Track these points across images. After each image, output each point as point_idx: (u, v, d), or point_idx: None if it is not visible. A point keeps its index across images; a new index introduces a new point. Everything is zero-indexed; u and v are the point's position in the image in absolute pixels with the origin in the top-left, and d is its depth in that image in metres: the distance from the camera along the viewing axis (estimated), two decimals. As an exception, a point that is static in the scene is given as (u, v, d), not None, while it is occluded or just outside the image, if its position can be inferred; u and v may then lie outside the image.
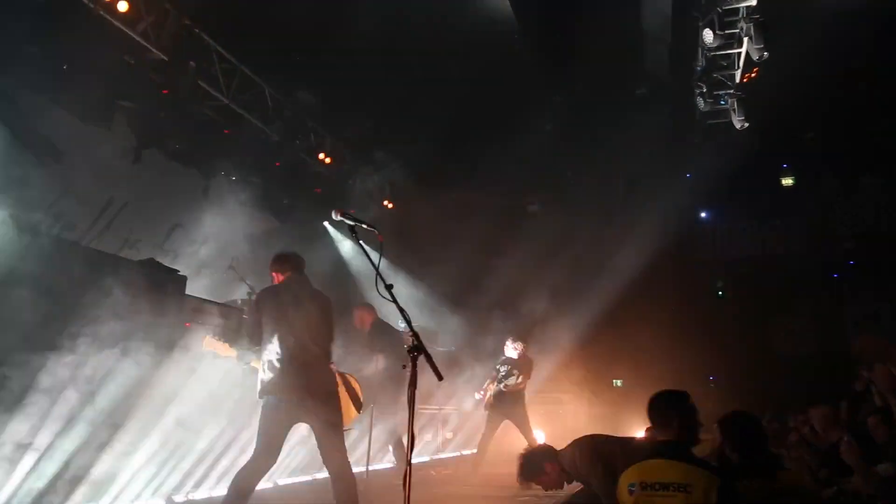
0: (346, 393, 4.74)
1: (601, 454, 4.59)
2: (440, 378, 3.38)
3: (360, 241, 3.79)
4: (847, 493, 4.38)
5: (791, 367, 14.34)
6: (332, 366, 4.65)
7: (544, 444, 6.65)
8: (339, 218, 3.74)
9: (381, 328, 7.80)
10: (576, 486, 5.15)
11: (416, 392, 8.49)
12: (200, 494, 5.44)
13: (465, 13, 10.04)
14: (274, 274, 4.79)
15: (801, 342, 15.77)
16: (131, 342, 5.02)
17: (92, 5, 7.26)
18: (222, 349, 4.71)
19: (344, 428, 4.67)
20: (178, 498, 5.29)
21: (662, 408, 3.53)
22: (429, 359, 3.33)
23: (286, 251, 4.89)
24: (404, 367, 3.34)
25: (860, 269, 15.51)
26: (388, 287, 3.48)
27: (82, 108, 8.18)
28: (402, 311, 3.45)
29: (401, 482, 7.60)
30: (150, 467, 5.02)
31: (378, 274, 3.49)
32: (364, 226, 3.73)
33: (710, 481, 3.04)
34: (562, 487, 5.18)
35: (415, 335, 3.36)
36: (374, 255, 3.58)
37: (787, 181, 15.87)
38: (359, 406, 4.85)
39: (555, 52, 11.34)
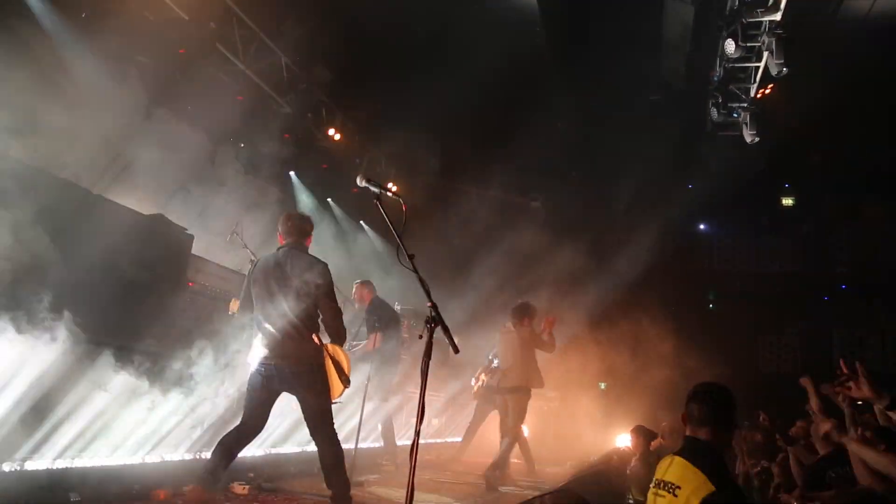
0: (332, 366, 4.57)
1: None
2: (456, 351, 3.38)
3: (383, 209, 3.73)
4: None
5: (772, 384, 14.49)
6: (315, 337, 4.53)
7: None
8: (363, 184, 3.70)
9: (381, 306, 7.78)
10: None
11: (405, 377, 8.44)
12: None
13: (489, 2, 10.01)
14: (279, 235, 4.77)
15: (784, 360, 15.97)
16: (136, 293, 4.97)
17: (117, -45, 7.18)
18: None
19: (331, 401, 4.64)
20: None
21: (698, 403, 3.15)
22: (446, 331, 3.33)
23: (293, 213, 4.84)
24: (420, 336, 3.33)
25: (852, 294, 15.68)
26: (411, 257, 3.46)
27: (97, 59, 8.09)
28: (422, 281, 3.41)
29: (385, 462, 7.61)
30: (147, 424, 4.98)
31: (400, 243, 3.46)
32: (389, 194, 3.71)
33: (699, 486, 2.78)
34: None
35: (433, 306, 3.33)
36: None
37: (788, 201, 16.03)
38: (345, 380, 4.60)
39: (575, 51, 11.34)
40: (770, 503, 5.78)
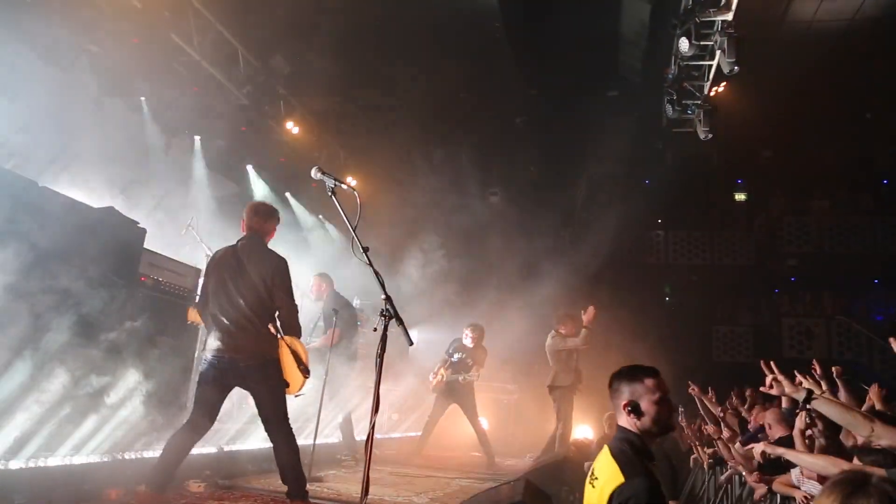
0: (291, 357, 4.50)
1: None
2: (411, 343, 3.40)
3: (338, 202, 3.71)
4: None
5: (725, 373, 14.87)
6: (270, 329, 4.45)
7: None
8: (319, 176, 3.69)
9: (338, 300, 7.72)
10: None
11: (363, 371, 8.36)
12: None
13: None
14: (242, 223, 4.73)
15: (737, 350, 16.41)
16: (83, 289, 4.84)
17: (65, -60, 6.95)
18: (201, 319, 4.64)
19: (294, 394, 4.59)
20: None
21: (612, 387, 2.97)
22: (401, 323, 3.35)
23: (260, 205, 4.79)
24: (375, 329, 3.34)
25: (800, 286, 16.23)
26: (365, 250, 3.47)
27: (44, 45, 7.83)
28: (376, 274, 3.44)
29: (344, 457, 7.57)
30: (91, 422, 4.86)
31: (355, 235, 3.47)
32: (345, 186, 3.71)
33: (611, 477, 2.66)
34: None
35: (388, 299, 3.35)
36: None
37: (740, 196, 16.47)
38: (304, 370, 4.54)
39: (534, 45, 11.43)
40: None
